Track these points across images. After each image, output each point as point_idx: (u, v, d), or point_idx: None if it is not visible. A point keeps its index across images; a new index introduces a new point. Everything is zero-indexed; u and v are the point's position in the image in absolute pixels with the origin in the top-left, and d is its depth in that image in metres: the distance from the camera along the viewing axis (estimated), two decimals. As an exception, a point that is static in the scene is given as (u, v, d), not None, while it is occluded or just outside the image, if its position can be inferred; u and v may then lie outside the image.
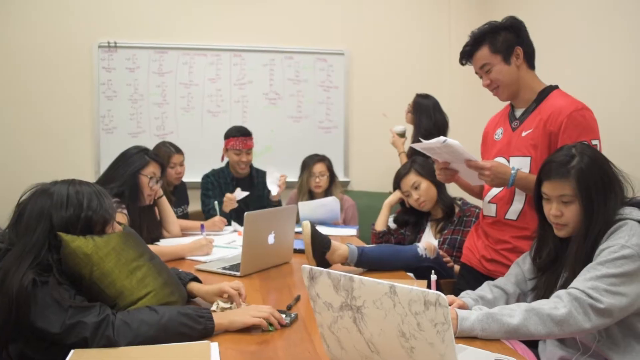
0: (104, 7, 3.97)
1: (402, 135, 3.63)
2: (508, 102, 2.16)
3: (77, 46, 3.96)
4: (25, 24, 3.88)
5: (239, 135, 3.36)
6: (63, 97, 3.97)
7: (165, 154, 3.22)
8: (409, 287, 0.99)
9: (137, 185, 2.43)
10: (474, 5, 4.27)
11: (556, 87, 2.04)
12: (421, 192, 2.66)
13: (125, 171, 2.43)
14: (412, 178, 2.70)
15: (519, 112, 2.07)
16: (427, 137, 3.29)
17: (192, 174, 3.65)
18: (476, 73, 2.12)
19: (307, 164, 3.54)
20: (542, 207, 1.66)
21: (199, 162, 3.73)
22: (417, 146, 2.04)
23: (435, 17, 4.34)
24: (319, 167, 3.50)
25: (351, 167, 4.30)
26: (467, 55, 2.09)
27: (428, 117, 3.43)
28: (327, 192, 3.51)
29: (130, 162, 2.46)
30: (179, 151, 3.33)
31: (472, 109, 4.01)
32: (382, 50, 4.29)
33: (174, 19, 4.05)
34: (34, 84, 3.92)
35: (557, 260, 1.66)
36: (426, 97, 3.53)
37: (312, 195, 3.51)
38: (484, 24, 2.08)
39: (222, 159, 3.52)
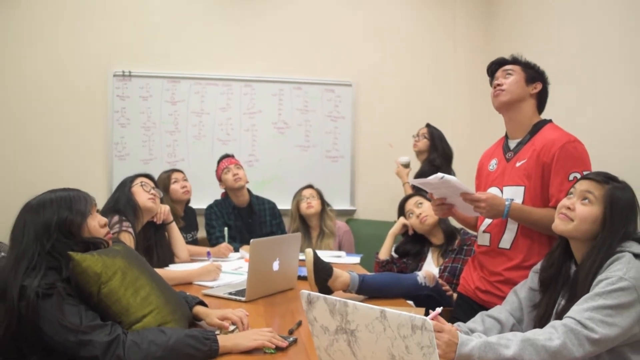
0: (119, 37, 4.13)
1: (406, 166, 3.72)
2: (502, 136, 2.25)
3: (93, 75, 4.11)
4: (43, 52, 4.04)
5: (223, 158, 3.56)
6: (78, 123, 4.10)
7: (164, 177, 3.38)
8: (398, 312, 1.07)
9: (132, 197, 2.53)
10: (479, 38, 4.39)
11: (550, 120, 2.15)
12: (424, 208, 2.76)
13: (120, 193, 2.56)
14: (415, 198, 2.82)
15: (513, 144, 2.16)
16: (441, 162, 3.46)
17: (202, 201, 3.73)
18: (493, 80, 2.21)
19: (296, 193, 3.63)
20: None
21: (209, 188, 3.80)
22: (415, 182, 2.13)
23: (440, 50, 4.47)
24: (308, 191, 3.59)
25: (357, 196, 4.38)
26: (501, 62, 2.21)
27: (442, 141, 3.62)
28: (321, 217, 3.58)
29: (122, 185, 2.62)
30: (177, 170, 3.46)
31: (475, 140, 4.08)
32: (388, 82, 4.41)
33: (187, 50, 4.20)
34: (50, 110, 4.06)
35: (559, 279, 1.72)
36: (435, 128, 3.69)
37: (303, 221, 3.58)
38: None
39: (223, 194, 3.62)
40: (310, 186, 3.66)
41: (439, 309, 1.78)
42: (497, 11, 4.28)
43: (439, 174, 1.98)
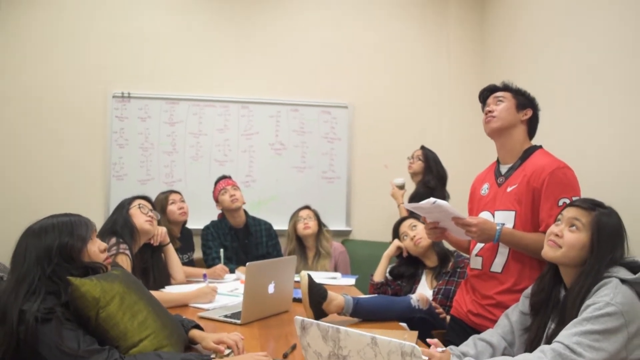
0: (119, 59, 4.19)
1: (401, 187, 3.77)
2: (494, 160, 2.30)
3: (92, 95, 4.16)
4: (44, 72, 4.11)
5: (220, 179, 3.61)
6: (77, 143, 4.15)
7: (162, 198, 3.41)
8: (388, 339, 1.11)
9: (129, 219, 2.56)
10: (473, 61, 4.47)
11: (540, 146, 2.20)
12: (418, 231, 2.80)
13: (118, 215, 2.59)
14: (409, 221, 2.86)
15: (504, 169, 2.20)
16: (435, 184, 3.51)
17: (199, 221, 3.76)
18: (485, 106, 2.26)
19: (293, 214, 3.67)
20: None
21: (206, 208, 3.83)
22: (408, 206, 2.18)
23: (435, 72, 4.54)
24: (305, 212, 3.63)
25: (353, 217, 4.42)
26: (493, 89, 2.27)
27: (436, 163, 3.67)
28: (317, 238, 3.61)
29: (120, 207, 2.64)
30: (174, 191, 3.49)
31: (470, 161, 4.12)
32: (384, 104, 4.47)
33: (186, 72, 4.26)
34: (50, 130, 4.11)
35: (549, 304, 1.75)
36: (430, 150, 3.75)
37: (300, 242, 3.61)
38: None
39: (219, 215, 3.66)
40: (307, 207, 3.70)
41: (434, 340, 1.81)
42: (490, 34, 4.37)
43: (431, 199, 2.03)
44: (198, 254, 3.68)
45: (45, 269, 1.48)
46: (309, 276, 2.18)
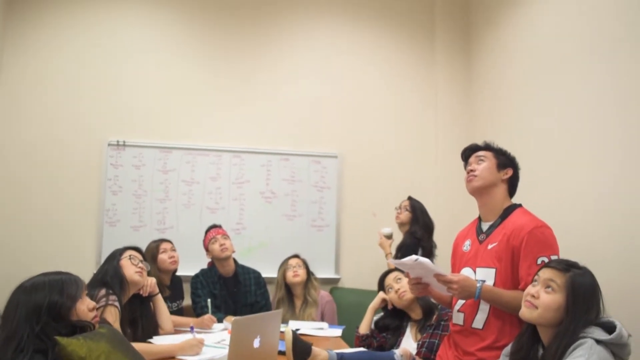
0: (115, 108, 4.29)
1: (389, 237, 3.83)
2: (476, 217, 2.38)
3: (88, 143, 4.24)
4: (40, 120, 4.19)
5: (211, 228, 3.66)
6: (72, 189, 4.19)
7: (153, 246, 3.45)
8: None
9: (119, 270, 2.59)
10: (461, 113, 4.60)
11: (520, 205, 2.28)
12: (402, 284, 2.84)
13: (108, 265, 2.62)
14: (394, 273, 2.91)
15: (485, 226, 2.28)
16: (422, 234, 3.57)
17: (190, 268, 3.78)
18: (467, 164, 2.36)
19: (283, 262, 3.72)
20: None
21: (197, 255, 3.84)
22: (392, 262, 2.25)
23: (423, 124, 4.67)
24: (294, 260, 3.68)
25: (341, 265, 4.45)
26: (474, 149, 2.37)
27: (423, 214, 3.75)
28: (306, 287, 3.64)
29: (111, 257, 2.68)
30: (165, 240, 3.54)
31: (456, 212, 4.20)
32: (373, 155, 4.58)
33: (180, 122, 4.36)
34: (45, 176, 4.16)
35: None
36: (417, 200, 3.83)
37: (288, 290, 3.64)
38: None
39: (209, 264, 3.70)
40: (296, 256, 3.75)
41: None
42: (477, 88, 4.52)
43: (413, 256, 2.10)
44: (188, 301, 3.70)
45: (34, 327, 1.52)
46: (294, 332, 2.22)
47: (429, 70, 4.73)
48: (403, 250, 3.62)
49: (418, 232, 3.67)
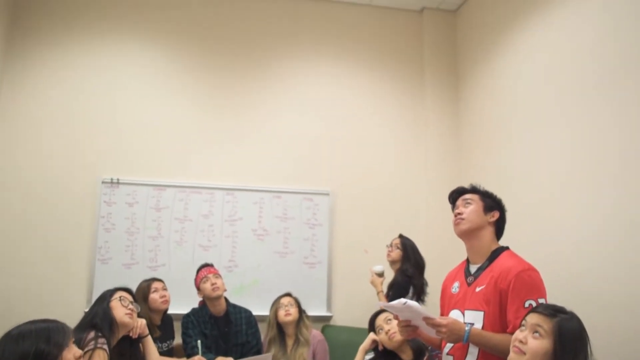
0: (109, 146, 4.34)
1: (380, 275, 3.84)
2: (464, 259, 2.41)
3: (82, 181, 4.27)
4: (35, 157, 4.23)
5: (202, 267, 3.65)
6: (65, 226, 4.21)
7: (144, 286, 3.44)
8: None
9: (109, 312, 2.59)
10: (450, 151, 4.68)
11: (507, 248, 2.32)
12: (392, 325, 2.84)
13: (98, 307, 2.63)
14: (385, 314, 2.91)
15: (473, 268, 2.31)
16: (413, 272, 3.58)
17: (181, 306, 3.79)
18: (454, 207, 2.40)
19: (275, 301, 3.70)
20: None
21: (188, 293, 3.82)
22: (381, 305, 2.26)
23: (413, 160, 4.74)
24: (286, 299, 3.67)
25: (334, 302, 4.45)
26: (461, 191, 2.41)
27: (414, 252, 3.76)
28: (297, 326, 3.64)
29: (101, 298, 2.68)
30: (157, 279, 3.53)
31: (447, 250, 4.20)
32: (364, 192, 4.63)
33: (173, 160, 4.41)
34: (39, 212, 4.18)
35: None
36: (408, 238, 3.85)
37: (280, 329, 3.63)
38: None
39: (200, 303, 3.68)
40: (288, 294, 3.75)
41: None
42: (466, 122, 4.60)
43: (402, 300, 2.12)
44: (178, 340, 3.68)
45: None
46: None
47: (418, 110, 4.83)
48: (395, 289, 3.64)
49: (409, 270, 3.69)
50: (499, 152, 3.99)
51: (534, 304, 2.01)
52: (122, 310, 2.64)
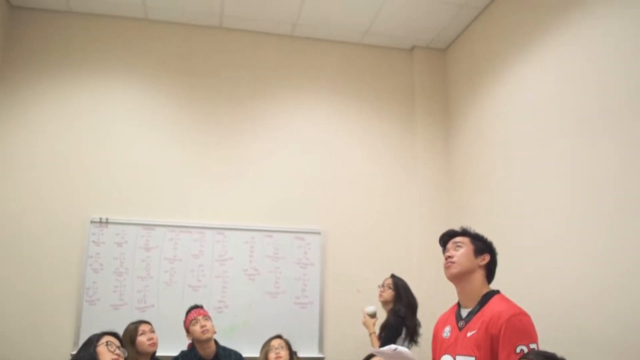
0: (98, 185, 4.31)
1: (373, 315, 3.80)
2: (456, 302, 2.39)
3: (70, 220, 4.22)
4: (24, 195, 4.19)
5: (192, 309, 3.61)
6: (52, 266, 4.14)
7: (131, 328, 3.39)
8: None
9: (96, 357, 2.53)
10: (442, 191, 4.70)
11: (497, 291, 2.31)
12: None
13: (84, 352, 2.58)
14: (377, 358, 2.87)
15: (464, 312, 2.29)
16: (405, 313, 3.55)
17: (170, 348, 3.73)
18: (445, 249, 2.40)
19: (265, 343, 3.67)
20: None
21: (177, 334, 3.79)
22: (372, 351, 2.24)
23: (405, 200, 4.74)
24: (277, 341, 3.63)
25: (326, 343, 4.38)
26: (451, 234, 2.42)
27: (406, 292, 3.72)
28: None
29: (88, 343, 2.63)
30: (144, 321, 3.49)
31: (440, 289, 4.17)
32: (356, 231, 4.61)
33: (163, 199, 4.39)
34: (26, 250, 4.11)
35: None
36: (400, 278, 3.82)
37: None
38: None
39: (189, 345, 3.63)
40: (279, 336, 3.70)
41: None
42: (457, 159, 4.62)
43: (392, 346, 2.10)
44: (166, 383, 3.62)
45: None
46: None
47: (410, 146, 4.85)
48: (387, 330, 3.60)
49: (402, 311, 3.65)
50: (490, 191, 4.01)
51: (526, 350, 1.99)
52: (108, 355, 2.59)
